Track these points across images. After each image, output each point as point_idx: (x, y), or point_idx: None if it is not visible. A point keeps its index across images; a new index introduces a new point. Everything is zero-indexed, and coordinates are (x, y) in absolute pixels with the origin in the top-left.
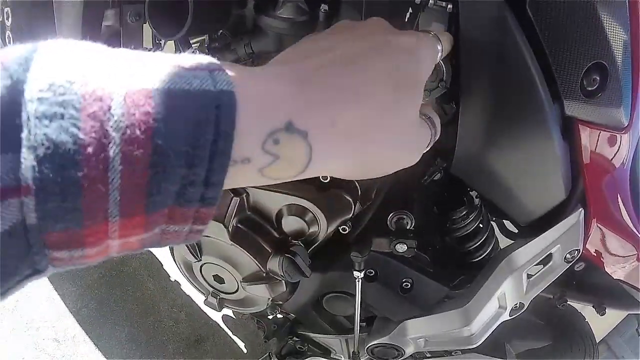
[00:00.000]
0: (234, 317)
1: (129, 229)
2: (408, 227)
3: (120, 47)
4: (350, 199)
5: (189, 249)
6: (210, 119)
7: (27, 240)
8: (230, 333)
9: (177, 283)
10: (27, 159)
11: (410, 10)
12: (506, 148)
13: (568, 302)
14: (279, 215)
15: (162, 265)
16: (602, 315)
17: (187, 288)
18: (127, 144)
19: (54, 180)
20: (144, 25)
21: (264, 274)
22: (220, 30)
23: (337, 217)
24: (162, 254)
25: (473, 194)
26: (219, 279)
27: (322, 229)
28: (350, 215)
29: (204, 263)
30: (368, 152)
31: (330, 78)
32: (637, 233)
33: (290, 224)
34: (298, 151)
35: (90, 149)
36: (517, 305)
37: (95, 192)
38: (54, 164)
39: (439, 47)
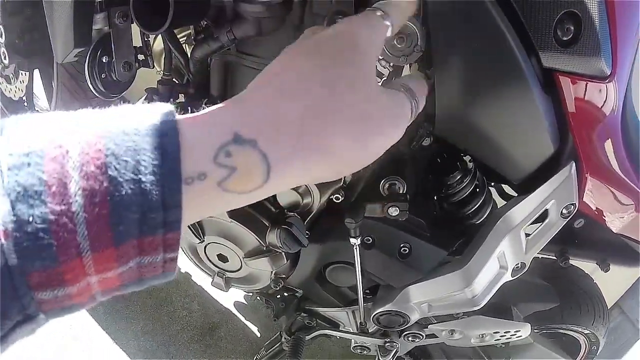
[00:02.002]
0: (245, 302)
1: (103, 263)
2: (400, 192)
3: (111, 47)
4: None
5: (192, 231)
6: (155, 144)
7: (12, 281)
8: (242, 318)
9: (187, 274)
10: (3, 205)
11: None
12: (486, 104)
13: (571, 262)
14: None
15: None
16: (605, 272)
17: (198, 279)
18: (86, 179)
19: (26, 220)
20: (131, 25)
21: (264, 248)
22: (204, 22)
23: (329, 186)
24: None
25: (467, 159)
26: (222, 257)
27: (315, 198)
28: (341, 183)
29: (208, 243)
30: (331, 144)
31: (265, 89)
32: (632, 183)
33: (285, 197)
34: (253, 159)
35: (54, 188)
36: (519, 265)
37: (64, 227)
38: (25, 204)
39: (387, 22)
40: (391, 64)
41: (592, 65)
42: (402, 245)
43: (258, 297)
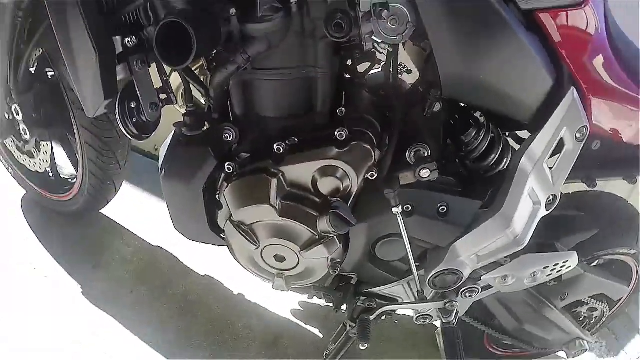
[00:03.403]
0: (301, 309)
1: None
2: (426, 156)
3: (136, 93)
4: (369, 146)
5: (247, 238)
6: None
7: None
8: (302, 324)
9: (241, 295)
10: None
11: None
12: (480, 57)
13: (603, 190)
14: (314, 182)
15: (222, 284)
16: (633, 184)
17: (252, 296)
18: None
19: None
20: (149, 69)
21: (317, 237)
22: (214, 51)
23: (363, 166)
24: (220, 274)
25: (478, 115)
26: (279, 258)
27: (353, 180)
28: (373, 161)
29: (263, 247)
30: None
31: None
32: (633, 93)
33: (326, 185)
34: None
35: None
36: (550, 198)
37: None
38: None
39: None
40: (389, 45)
41: None
42: (439, 205)
43: (316, 295)
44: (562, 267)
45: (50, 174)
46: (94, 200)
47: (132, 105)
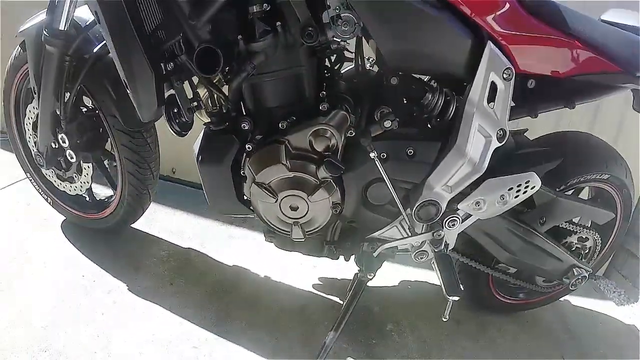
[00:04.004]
0: (322, 283)
1: None
2: (387, 112)
3: (177, 102)
4: (345, 113)
5: (267, 193)
6: None
7: None
8: (324, 294)
9: (267, 277)
10: None
11: None
12: (406, 36)
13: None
14: (310, 142)
15: (249, 270)
16: (572, 109)
17: (277, 277)
18: None
19: None
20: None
21: (319, 182)
22: (227, 67)
23: (342, 126)
24: (248, 264)
25: (432, 82)
26: (294, 207)
27: (338, 137)
28: (349, 123)
29: (281, 200)
30: None
31: None
32: (544, 34)
33: (319, 144)
34: None
35: None
36: (500, 132)
37: None
38: None
39: None
40: (347, 41)
41: None
42: (407, 149)
43: (328, 252)
44: (526, 187)
45: (88, 198)
46: (132, 209)
47: (175, 111)
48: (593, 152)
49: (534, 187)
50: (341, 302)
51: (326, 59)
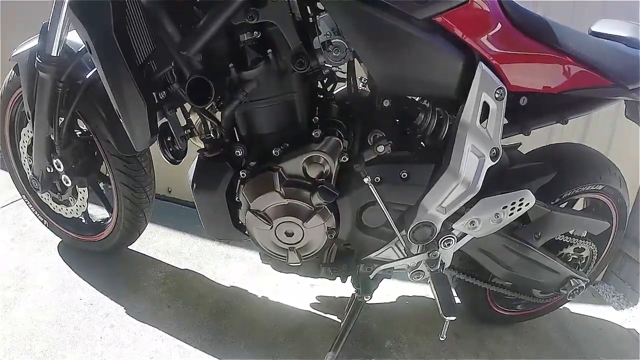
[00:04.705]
0: (320, 302)
1: None
2: (380, 137)
3: (170, 130)
4: (337, 138)
5: (261, 220)
6: None
7: None
8: (322, 313)
9: (264, 297)
10: None
11: None
12: (396, 60)
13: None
14: (304, 169)
15: (247, 291)
16: (564, 124)
17: (274, 297)
18: None
19: None
20: (176, 113)
21: (313, 209)
22: (219, 96)
23: (335, 153)
24: (245, 284)
25: (424, 102)
26: (289, 233)
27: (331, 164)
28: (342, 148)
29: (276, 226)
30: None
31: None
32: (531, 52)
33: (312, 170)
34: None
35: None
36: (494, 151)
37: None
38: None
39: None
40: (339, 67)
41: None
42: (400, 172)
43: (325, 273)
44: (520, 204)
45: (84, 220)
46: (129, 233)
47: (168, 139)
48: (586, 164)
49: (529, 203)
50: (339, 321)
51: (319, 82)
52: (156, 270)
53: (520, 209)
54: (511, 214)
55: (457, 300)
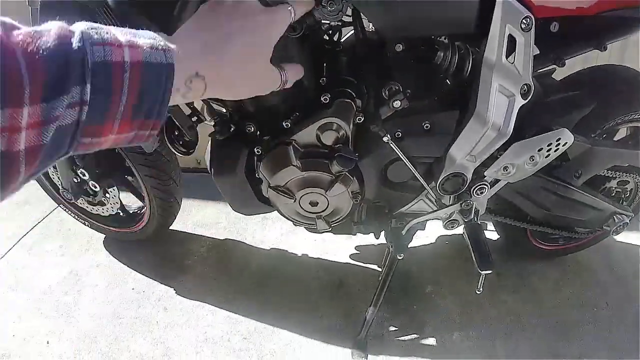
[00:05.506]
0: (359, 252)
1: (122, 129)
2: (395, 90)
3: (175, 123)
4: (349, 100)
5: (285, 195)
6: (163, 72)
7: (76, 129)
8: (362, 264)
9: (304, 255)
10: (87, 88)
11: None
12: (399, 3)
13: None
14: (318, 138)
15: (287, 251)
16: (603, 51)
17: (313, 254)
18: (132, 69)
19: (99, 97)
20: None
21: (334, 177)
22: None
23: (348, 115)
24: (283, 245)
25: (441, 38)
26: (313, 203)
27: (345, 128)
28: (355, 109)
29: (299, 198)
30: (234, 84)
31: (216, 45)
32: None
33: (327, 138)
34: (200, 85)
35: (117, 70)
36: (525, 88)
37: (115, 102)
38: (101, 79)
39: (292, 12)
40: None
41: None
42: (423, 123)
43: (358, 230)
44: (557, 145)
45: (122, 213)
46: (164, 218)
47: (176, 133)
48: (630, 89)
49: (566, 143)
50: (379, 270)
51: (324, 35)
52: (198, 245)
53: (557, 149)
54: (547, 155)
55: (496, 235)
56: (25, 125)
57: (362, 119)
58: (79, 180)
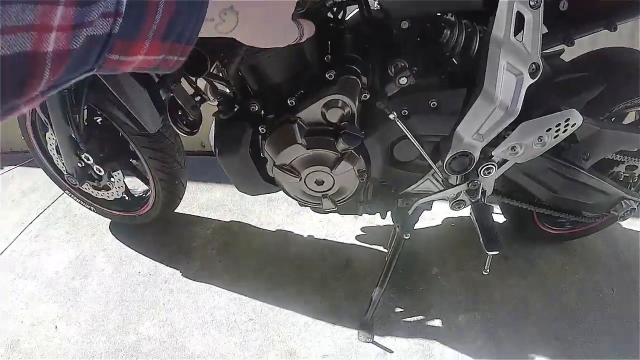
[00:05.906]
0: (365, 233)
1: (152, 50)
2: (401, 66)
3: (178, 103)
4: (354, 76)
5: (290, 174)
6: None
7: (107, 42)
8: (367, 245)
9: (310, 236)
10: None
11: None
12: None
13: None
14: (323, 115)
15: (292, 232)
16: (614, 31)
17: (319, 235)
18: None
19: (134, 11)
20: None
21: (339, 155)
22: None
23: (354, 92)
24: (289, 226)
25: (448, 16)
26: (319, 182)
27: (351, 104)
28: (361, 86)
29: (305, 177)
30: (260, 29)
31: None
32: None
33: (332, 115)
34: (232, 19)
35: None
36: (533, 66)
37: (149, 20)
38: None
39: None
40: None
41: None
42: (430, 101)
43: (364, 210)
44: (566, 126)
45: (127, 197)
46: (169, 201)
47: (180, 113)
48: (639, 72)
49: (575, 124)
50: (385, 251)
51: (327, 13)
52: (204, 227)
53: (566, 130)
54: (556, 136)
55: (503, 218)
56: (57, 27)
57: (368, 96)
58: (83, 165)
